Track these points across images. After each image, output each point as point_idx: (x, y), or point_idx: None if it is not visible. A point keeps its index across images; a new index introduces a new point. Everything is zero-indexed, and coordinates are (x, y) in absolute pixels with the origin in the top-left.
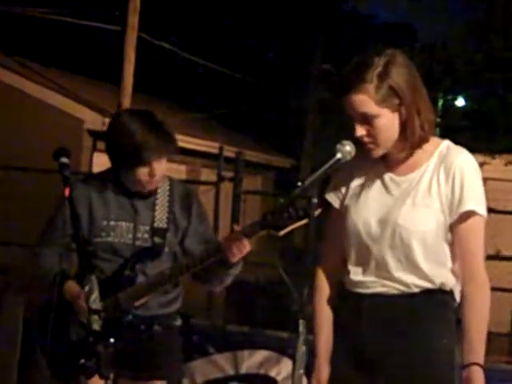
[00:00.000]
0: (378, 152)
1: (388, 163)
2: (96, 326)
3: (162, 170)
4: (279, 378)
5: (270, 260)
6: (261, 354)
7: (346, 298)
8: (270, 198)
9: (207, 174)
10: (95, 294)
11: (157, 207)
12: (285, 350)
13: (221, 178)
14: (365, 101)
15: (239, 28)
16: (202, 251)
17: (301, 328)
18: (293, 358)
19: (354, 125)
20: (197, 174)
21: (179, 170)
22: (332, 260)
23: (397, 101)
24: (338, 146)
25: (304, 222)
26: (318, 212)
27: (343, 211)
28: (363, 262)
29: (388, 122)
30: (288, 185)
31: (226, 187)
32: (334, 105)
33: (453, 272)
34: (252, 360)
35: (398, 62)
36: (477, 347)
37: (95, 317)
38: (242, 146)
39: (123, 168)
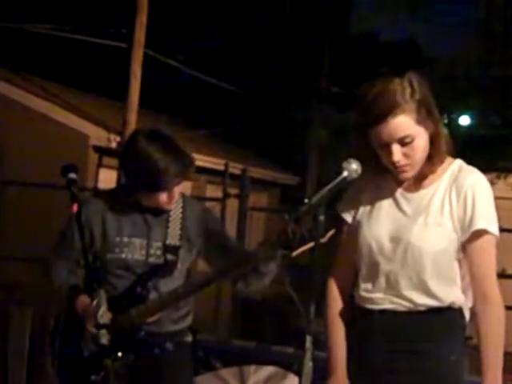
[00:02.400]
0: (412, 173)
1: (398, 180)
2: (104, 341)
3: (177, 193)
4: None
5: (277, 277)
6: (267, 370)
7: (355, 314)
8: (275, 214)
9: (212, 191)
10: (103, 308)
11: (170, 224)
12: (290, 365)
13: (226, 195)
14: (406, 123)
15: (245, 47)
16: (226, 262)
17: (307, 344)
18: (299, 373)
19: (391, 150)
20: (202, 190)
21: (185, 187)
22: (343, 274)
23: (429, 118)
24: (345, 164)
25: (313, 244)
26: (330, 233)
27: (356, 226)
28: (373, 279)
29: (424, 141)
30: (294, 202)
31: (232, 204)
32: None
33: (463, 290)
34: (258, 375)
35: (417, 80)
36: (492, 370)
37: (103, 331)
38: (247, 163)
39: (142, 191)
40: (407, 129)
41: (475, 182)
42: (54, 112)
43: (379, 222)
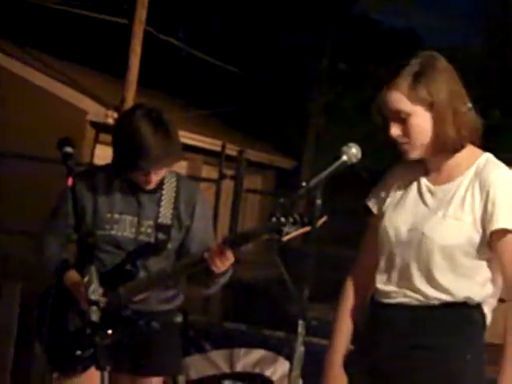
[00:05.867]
0: (413, 153)
1: (426, 171)
2: (94, 317)
3: (159, 176)
4: (275, 378)
5: (269, 260)
6: (257, 353)
7: (373, 308)
8: (269, 197)
9: (208, 172)
10: (94, 285)
11: (162, 203)
12: (281, 349)
13: (222, 176)
14: (398, 98)
15: (246, 26)
16: (187, 259)
17: (300, 329)
18: (289, 358)
19: (390, 125)
20: (198, 170)
21: (180, 166)
22: (366, 265)
23: (430, 100)
24: (344, 149)
25: (307, 229)
26: (322, 220)
27: (380, 217)
28: (389, 270)
29: (422, 122)
30: (289, 185)
31: (227, 185)
32: (339, 106)
33: (488, 287)
34: (248, 358)
35: (435, 63)
36: None
37: (94, 308)
38: (243, 145)
39: (122, 165)
40: (398, 104)
41: (498, 178)
42: (53, 86)
43: (400, 214)
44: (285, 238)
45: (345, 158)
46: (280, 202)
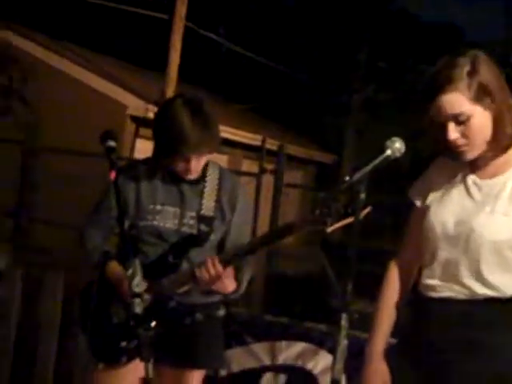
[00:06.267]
0: (473, 154)
1: (473, 165)
2: (138, 310)
3: (200, 165)
4: (316, 371)
5: (311, 253)
6: (299, 346)
7: (416, 301)
8: (310, 192)
9: (248, 166)
10: (138, 278)
11: (205, 194)
12: (323, 342)
13: (262, 170)
14: (458, 100)
15: (285, 21)
16: (264, 234)
17: (343, 322)
18: (331, 351)
19: (447, 129)
20: (238, 164)
21: (220, 160)
22: (407, 258)
23: (488, 98)
24: (388, 143)
25: (351, 220)
26: (366, 211)
27: (424, 210)
28: (435, 265)
29: (482, 121)
30: (329, 180)
31: (267, 180)
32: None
33: None
34: (289, 351)
35: (483, 60)
36: None
37: (137, 300)
38: (283, 140)
39: (162, 153)
40: (459, 106)
41: None
42: (93, 81)
43: (447, 208)
44: (329, 229)
45: (389, 152)
46: (322, 195)
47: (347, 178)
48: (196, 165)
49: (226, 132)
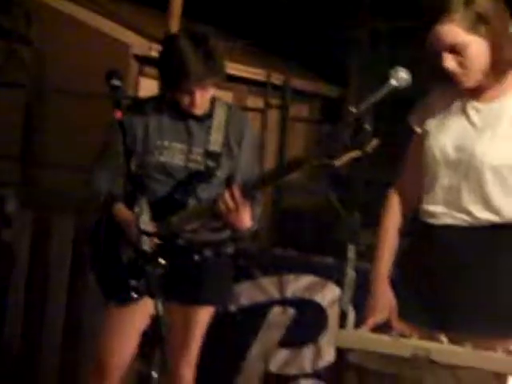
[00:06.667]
0: (471, 83)
1: (472, 91)
2: (146, 247)
3: (205, 98)
4: (324, 303)
5: (317, 186)
6: (306, 279)
7: (418, 228)
8: (316, 126)
9: (253, 101)
10: (145, 216)
11: (212, 130)
12: (330, 275)
13: (268, 105)
14: (454, 31)
15: None
16: (271, 169)
17: (350, 254)
18: (338, 283)
19: (443, 57)
20: (243, 100)
21: (225, 97)
22: (407, 184)
23: (485, 27)
24: (393, 73)
25: (358, 153)
26: (374, 143)
27: (424, 136)
28: (436, 191)
29: (479, 51)
30: (335, 114)
31: (273, 115)
32: (386, 36)
33: None
34: (297, 284)
35: None
36: None
37: (145, 238)
38: (288, 74)
39: (167, 87)
40: (455, 37)
41: None
42: (95, 20)
43: (446, 132)
44: (337, 163)
45: (393, 82)
46: (328, 128)
47: (353, 110)
48: (201, 98)
49: (230, 68)
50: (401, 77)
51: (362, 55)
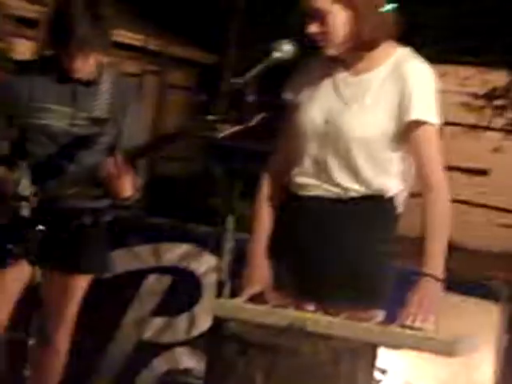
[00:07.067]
0: (330, 50)
1: (341, 63)
2: (25, 212)
3: (89, 63)
4: (199, 272)
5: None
6: (182, 247)
7: (289, 200)
8: (191, 94)
9: (129, 67)
10: (25, 181)
11: (98, 97)
12: (206, 244)
13: (145, 72)
14: None
15: None
16: (154, 138)
17: (228, 224)
18: (214, 252)
19: (307, 23)
20: (118, 65)
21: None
22: (282, 160)
23: (349, 1)
24: (277, 45)
25: (241, 127)
26: (260, 117)
27: (296, 108)
28: (306, 163)
29: (340, 20)
30: (211, 82)
31: (149, 81)
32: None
33: (401, 180)
34: (173, 253)
35: None
36: (433, 258)
37: (24, 203)
38: (166, 40)
39: (52, 48)
40: (316, 2)
41: (415, 71)
42: None
43: (316, 105)
44: (220, 136)
45: (277, 54)
46: (207, 97)
47: (236, 81)
48: (83, 63)
49: None
50: (284, 49)
51: (239, 23)
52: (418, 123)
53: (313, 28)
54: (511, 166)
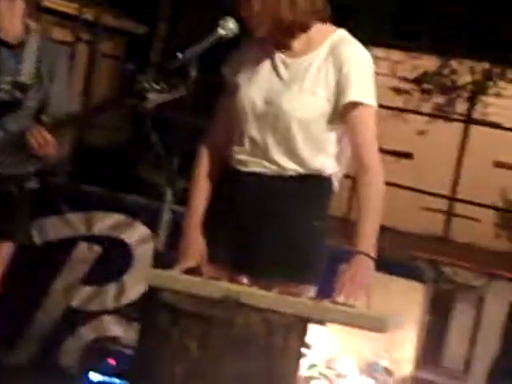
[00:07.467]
0: (257, 32)
1: (280, 44)
2: None
3: (14, 23)
4: (130, 241)
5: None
6: (114, 217)
7: (227, 176)
8: (119, 63)
9: (61, 34)
10: None
11: (23, 60)
12: (137, 214)
13: (77, 40)
14: None
15: None
16: (86, 108)
17: (167, 197)
18: (146, 223)
19: (241, 4)
20: (48, 32)
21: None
22: (219, 135)
23: None
24: (221, 22)
25: (171, 96)
26: (182, 91)
27: (235, 87)
28: (245, 141)
29: (257, 4)
30: (140, 52)
31: (81, 50)
32: None
33: (337, 160)
34: (104, 222)
35: None
36: (366, 237)
37: None
38: (100, 10)
39: None
40: None
41: (352, 53)
42: None
43: (255, 85)
44: (149, 105)
45: (222, 31)
46: (134, 67)
47: (179, 56)
48: (10, 22)
49: None
50: (229, 27)
51: None
52: (355, 105)
53: (245, 10)
54: (435, 150)
